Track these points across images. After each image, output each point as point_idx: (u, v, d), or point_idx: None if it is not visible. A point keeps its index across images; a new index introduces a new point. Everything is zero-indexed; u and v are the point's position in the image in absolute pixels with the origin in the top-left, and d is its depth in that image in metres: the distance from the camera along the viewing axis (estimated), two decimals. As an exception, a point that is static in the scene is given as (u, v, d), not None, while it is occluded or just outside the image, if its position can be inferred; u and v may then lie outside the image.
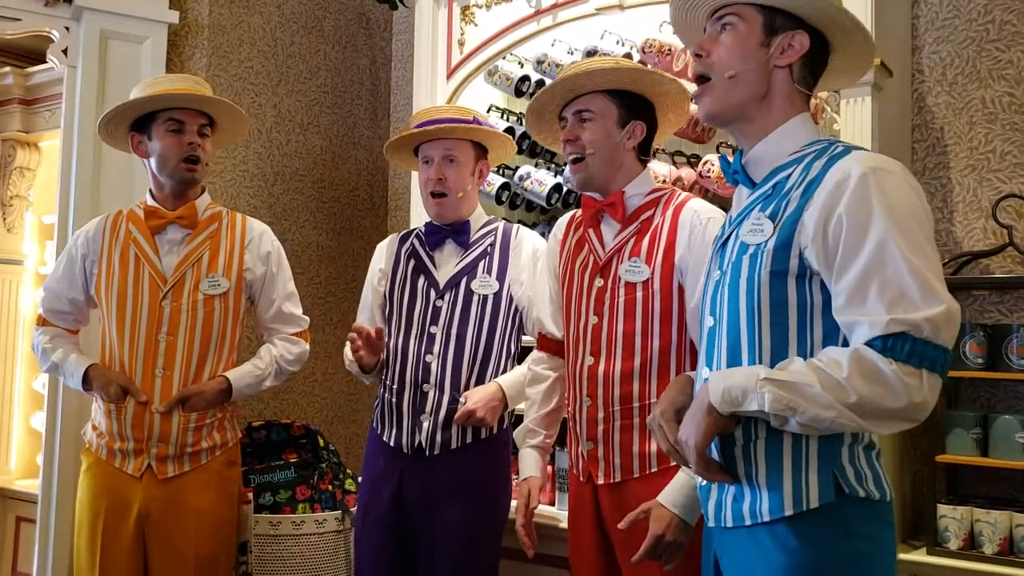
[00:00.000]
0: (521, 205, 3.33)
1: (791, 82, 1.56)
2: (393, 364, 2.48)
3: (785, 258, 1.45)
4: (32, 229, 4.42)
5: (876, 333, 1.35)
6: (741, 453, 1.51)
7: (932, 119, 2.83)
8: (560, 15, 3.10)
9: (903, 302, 1.35)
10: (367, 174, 4.13)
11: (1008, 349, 2.48)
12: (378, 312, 2.59)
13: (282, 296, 2.67)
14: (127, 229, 2.56)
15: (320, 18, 3.96)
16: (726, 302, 1.54)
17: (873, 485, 1.48)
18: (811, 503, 1.44)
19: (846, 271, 1.39)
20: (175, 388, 2.45)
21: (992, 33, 2.75)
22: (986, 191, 2.73)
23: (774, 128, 1.56)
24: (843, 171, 1.43)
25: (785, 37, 1.55)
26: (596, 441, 2.09)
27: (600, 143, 2.12)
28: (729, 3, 1.58)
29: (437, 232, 2.53)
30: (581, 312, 2.15)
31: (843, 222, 1.40)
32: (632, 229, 2.12)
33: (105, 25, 3.35)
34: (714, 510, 1.57)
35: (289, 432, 3.30)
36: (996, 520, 2.39)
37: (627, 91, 2.13)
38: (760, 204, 1.53)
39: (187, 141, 2.50)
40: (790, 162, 1.53)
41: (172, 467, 2.45)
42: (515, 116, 3.34)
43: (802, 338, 1.46)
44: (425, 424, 2.40)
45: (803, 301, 1.46)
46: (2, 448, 4.30)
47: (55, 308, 2.62)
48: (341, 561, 3.02)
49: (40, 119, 4.30)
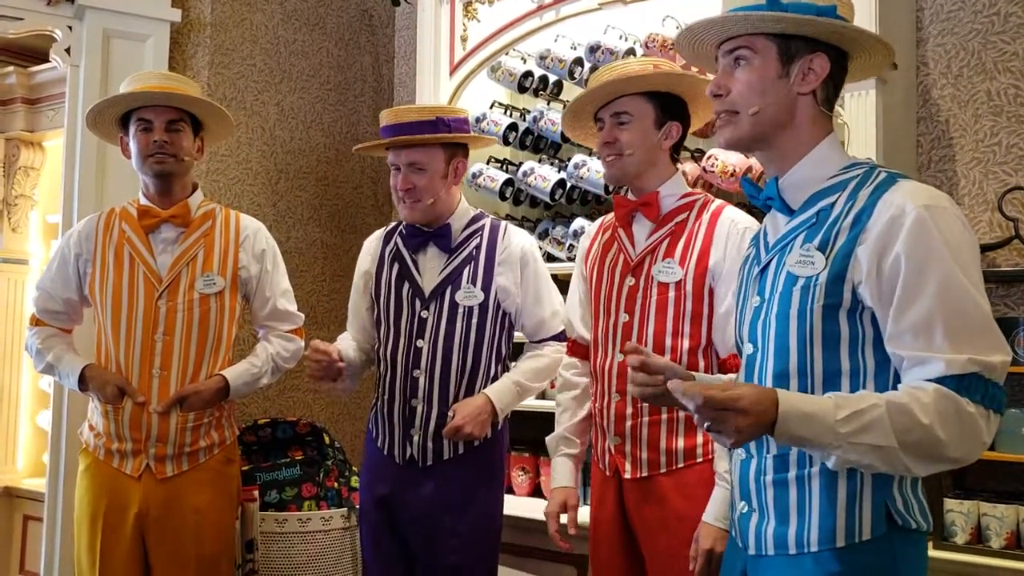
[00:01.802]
0: (525, 201, 3.33)
1: (816, 105, 1.53)
2: (384, 373, 2.45)
3: (838, 292, 1.43)
4: (37, 228, 4.44)
5: (953, 372, 1.34)
6: (795, 479, 1.49)
7: (937, 112, 2.82)
8: (563, 10, 3.09)
9: (974, 342, 1.35)
10: (370, 171, 4.13)
11: (1015, 343, 2.47)
12: (368, 316, 2.53)
13: (277, 293, 2.66)
14: (120, 228, 2.54)
15: (322, 15, 3.96)
16: (772, 332, 1.51)
17: (920, 515, 1.48)
18: (864, 535, 1.44)
19: (909, 307, 1.37)
20: (172, 388, 2.44)
21: (997, 25, 2.73)
22: (992, 184, 2.72)
23: (802, 152, 1.53)
24: (896, 206, 1.40)
25: (804, 63, 1.50)
26: (624, 436, 2.11)
27: (637, 144, 2.11)
28: (737, 35, 1.52)
29: (418, 235, 2.45)
30: (611, 310, 2.16)
31: (901, 261, 1.38)
32: (666, 230, 2.13)
33: (107, 24, 3.36)
34: (754, 538, 1.54)
35: (295, 430, 3.30)
36: (1003, 514, 2.38)
37: (663, 92, 2.13)
38: (805, 233, 1.50)
39: (153, 139, 2.48)
40: (831, 188, 1.50)
41: (171, 467, 2.45)
42: (518, 112, 3.34)
43: (855, 369, 1.45)
44: (415, 437, 2.37)
45: (855, 334, 1.45)
46: (9, 447, 4.31)
47: (48, 308, 2.60)
48: (347, 558, 3.02)
49: (44, 118, 4.31)
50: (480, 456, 2.39)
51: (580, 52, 3.10)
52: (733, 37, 1.53)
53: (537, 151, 3.31)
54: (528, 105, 3.35)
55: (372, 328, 2.52)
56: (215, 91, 3.51)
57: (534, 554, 2.76)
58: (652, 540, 2.06)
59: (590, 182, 2.97)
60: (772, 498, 1.51)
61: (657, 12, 2.91)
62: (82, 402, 3.25)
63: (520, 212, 3.39)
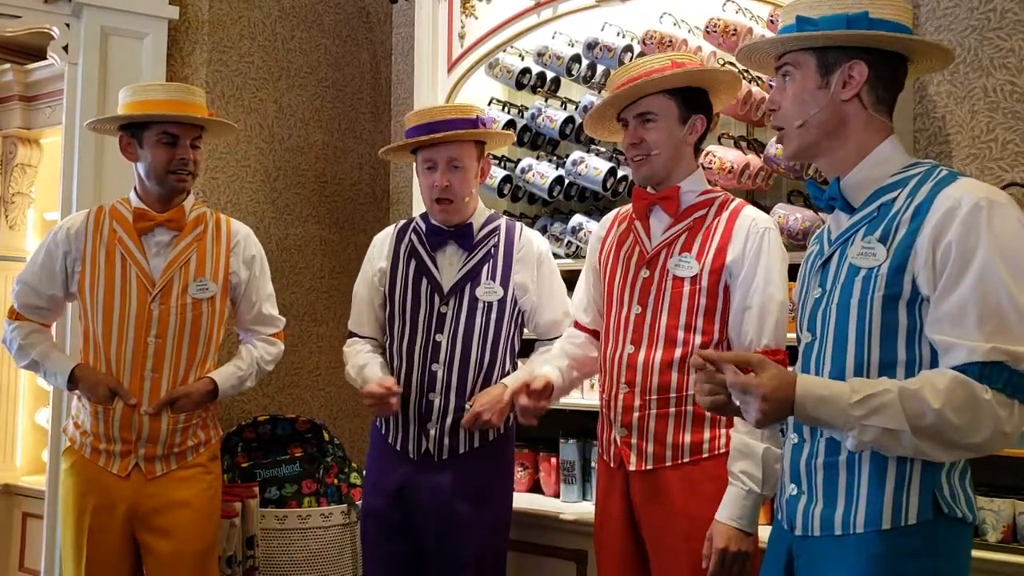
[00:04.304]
0: (523, 198, 3.34)
1: (865, 110, 1.57)
2: (398, 369, 2.47)
3: (899, 283, 1.47)
4: (34, 226, 4.44)
5: (975, 359, 1.38)
6: (845, 462, 1.52)
7: (934, 108, 2.83)
8: (560, 7, 3.10)
9: (1003, 332, 1.38)
10: (369, 168, 4.13)
11: (1011, 338, 2.48)
12: (379, 311, 2.56)
13: (263, 298, 2.70)
14: (111, 228, 2.54)
15: (320, 12, 3.96)
16: (832, 321, 1.55)
17: (966, 506, 1.51)
18: (909, 519, 1.47)
19: (948, 294, 1.42)
20: (163, 390, 2.47)
21: (994, 21, 2.74)
22: (988, 180, 2.73)
23: (858, 155, 1.58)
24: (954, 199, 1.45)
25: (843, 71, 1.56)
26: (630, 428, 2.12)
27: (664, 142, 2.13)
28: (784, 51, 1.61)
29: (440, 233, 2.49)
30: (624, 301, 2.17)
31: (951, 248, 1.42)
32: (684, 225, 2.14)
33: (105, 21, 3.35)
34: (801, 519, 1.58)
35: (294, 427, 3.31)
36: (999, 508, 2.40)
37: (683, 87, 2.13)
38: (866, 226, 1.54)
39: (179, 156, 2.49)
40: (893, 184, 1.55)
41: (160, 467, 2.47)
42: (516, 109, 3.34)
43: (911, 360, 1.48)
44: (432, 431, 2.41)
45: (912, 324, 1.48)
46: (8, 444, 4.32)
47: (31, 303, 2.57)
48: (347, 554, 3.04)
49: (41, 115, 4.31)
50: (493, 450, 2.44)
51: (578, 49, 3.10)
52: (784, 53, 1.61)
53: (535, 148, 3.32)
54: (526, 102, 3.35)
55: (384, 321, 2.55)
56: (213, 88, 3.52)
57: (534, 549, 2.78)
58: (657, 535, 2.07)
59: (588, 179, 2.98)
60: (822, 480, 1.55)
61: (654, 9, 2.92)
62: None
63: (518, 209, 3.40)
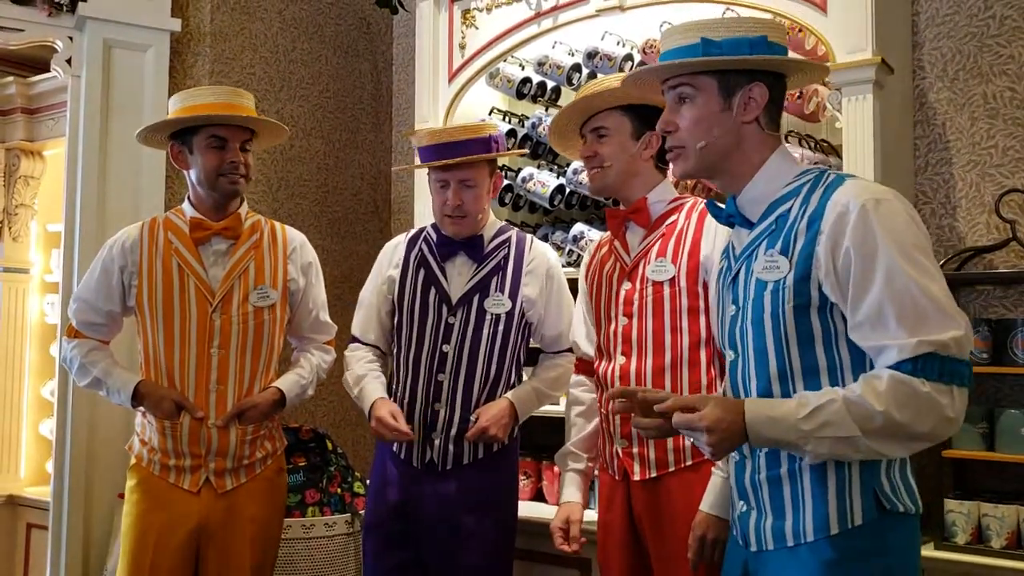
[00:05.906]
0: (524, 206, 3.35)
1: (762, 130, 1.61)
2: (404, 379, 2.47)
3: (806, 292, 1.50)
4: (37, 238, 4.44)
5: (906, 356, 1.40)
6: (787, 474, 1.54)
7: (934, 115, 2.84)
8: (561, 17, 3.11)
9: (924, 324, 1.40)
10: (370, 178, 4.14)
11: (1013, 344, 2.49)
12: (385, 319, 2.56)
13: (319, 306, 2.65)
14: (167, 239, 2.49)
15: (321, 23, 3.98)
16: (751, 337, 1.57)
17: (908, 499, 1.53)
18: (855, 521, 1.49)
19: (862, 300, 1.45)
20: (230, 402, 2.41)
21: (993, 28, 2.75)
22: (989, 186, 2.74)
23: (753, 171, 1.61)
24: (842, 204, 1.48)
25: (744, 93, 1.59)
26: (630, 439, 2.13)
27: (616, 156, 2.18)
28: (679, 73, 1.61)
29: (450, 244, 2.49)
30: (612, 316, 2.19)
31: (850, 254, 1.45)
32: (657, 233, 2.17)
33: (108, 34, 3.37)
34: (754, 534, 1.59)
35: (297, 436, 3.30)
36: (1003, 514, 2.40)
37: (639, 104, 2.16)
38: (766, 240, 1.57)
39: (229, 159, 2.45)
40: (787, 195, 1.58)
41: (230, 480, 2.43)
42: (516, 118, 3.36)
43: (832, 364, 1.51)
44: (436, 441, 2.41)
45: (827, 330, 1.51)
46: (12, 455, 4.31)
47: (89, 320, 2.52)
48: (351, 564, 3.03)
49: (44, 128, 4.31)
50: (498, 460, 2.44)
51: (578, 58, 3.12)
52: (676, 75, 1.62)
53: (536, 157, 3.33)
54: (526, 111, 3.36)
55: (391, 328, 2.56)
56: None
57: (537, 558, 2.78)
58: (659, 543, 2.08)
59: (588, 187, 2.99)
60: (768, 495, 1.57)
61: (654, 18, 2.93)
62: (87, 411, 3.28)
63: (519, 217, 3.41)
